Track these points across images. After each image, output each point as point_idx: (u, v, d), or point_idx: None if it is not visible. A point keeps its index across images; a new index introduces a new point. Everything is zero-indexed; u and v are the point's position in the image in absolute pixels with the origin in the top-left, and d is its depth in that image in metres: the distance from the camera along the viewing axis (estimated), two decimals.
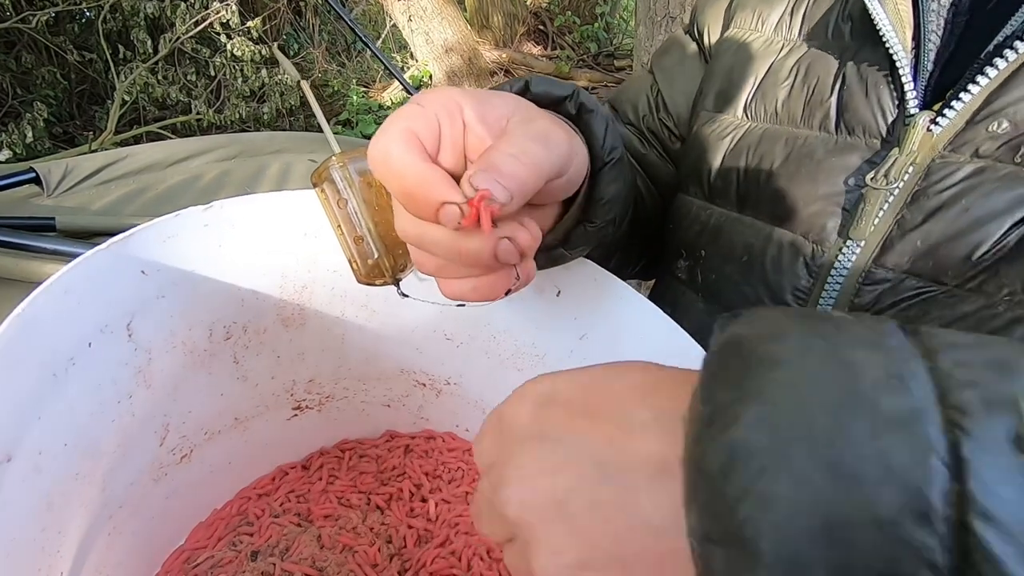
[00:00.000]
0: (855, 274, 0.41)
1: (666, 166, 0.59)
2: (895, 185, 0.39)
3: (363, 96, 3.75)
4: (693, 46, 0.59)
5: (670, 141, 0.59)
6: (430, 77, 3.63)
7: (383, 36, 4.11)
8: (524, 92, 0.34)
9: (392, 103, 3.71)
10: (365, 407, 0.61)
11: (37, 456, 0.29)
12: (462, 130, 0.27)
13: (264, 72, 3.06)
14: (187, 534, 0.52)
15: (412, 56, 3.78)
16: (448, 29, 3.48)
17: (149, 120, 3.00)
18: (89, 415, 0.34)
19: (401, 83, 1.33)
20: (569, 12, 4.44)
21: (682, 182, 0.56)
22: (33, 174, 0.89)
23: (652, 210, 0.59)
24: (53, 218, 0.81)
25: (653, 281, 0.68)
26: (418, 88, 3.26)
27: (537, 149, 0.27)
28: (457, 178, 0.26)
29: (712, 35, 0.56)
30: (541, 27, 4.51)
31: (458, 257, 0.27)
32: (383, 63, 1.31)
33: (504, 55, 4.14)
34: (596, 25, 4.42)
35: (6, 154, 2.44)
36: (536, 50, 4.41)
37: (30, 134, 2.46)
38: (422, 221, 0.27)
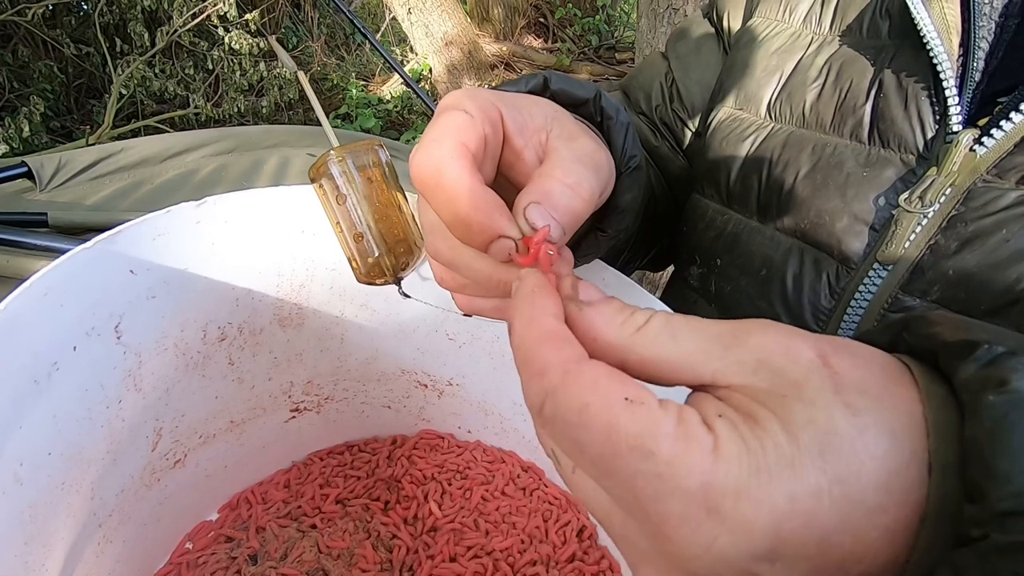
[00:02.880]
0: (880, 299, 0.38)
1: (678, 159, 0.57)
2: (930, 208, 0.36)
3: (362, 90, 3.72)
4: (711, 32, 0.55)
5: (683, 134, 0.56)
6: (430, 71, 3.60)
7: (382, 29, 4.07)
8: (543, 90, 0.31)
9: (392, 97, 3.68)
10: (365, 408, 0.60)
11: (18, 467, 0.28)
12: (502, 141, 0.25)
13: (262, 66, 3.03)
14: (181, 540, 0.50)
15: (411, 49, 3.75)
16: (448, 22, 3.44)
17: (147, 114, 2.97)
18: (75, 422, 0.32)
19: (402, 76, 1.31)
20: (570, 4, 4.40)
21: (697, 182, 0.53)
22: (24, 168, 0.87)
23: (663, 204, 0.57)
24: (45, 214, 0.79)
25: (658, 274, 0.66)
26: (418, 81, 3.23)
27: (590, 177, 0.24)
28: None
29: (733, 22, 0.52)
30: (542, 20, 4.47)
31: (494, 287, 0.25)
32: (383, 56, 1.29)
33: (504, 48, 4.10)
34: (597, 18, 4.38)
35: (2, 149, 2.41)
36: (537, 43, 4.37)
37: (27, 128, 2.44)
38: (459, 244, 0.24)
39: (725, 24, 0.54)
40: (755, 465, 0.15)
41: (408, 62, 3.77)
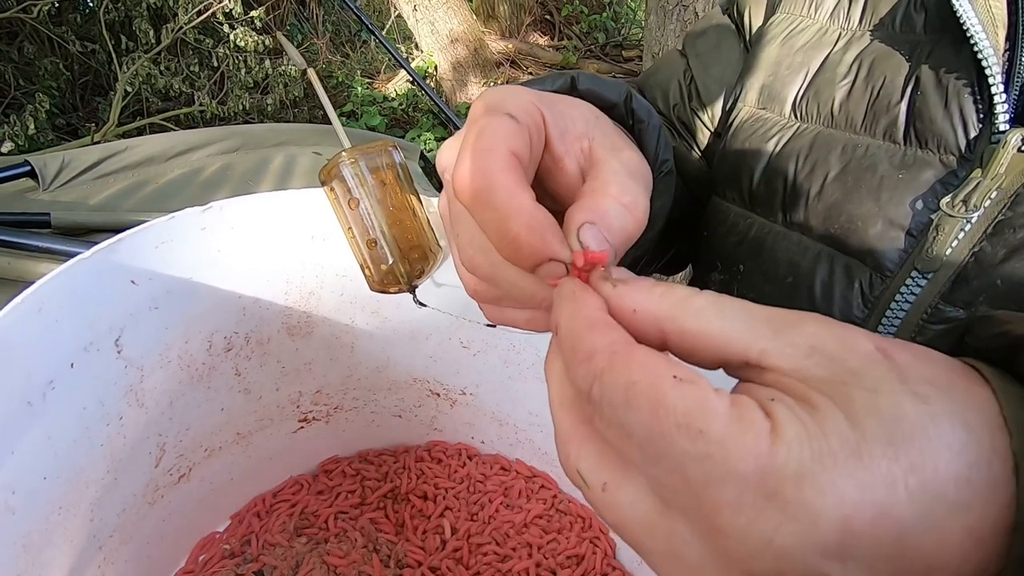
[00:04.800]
0: (919, 310, 0.36)
1: (697, 160, 0.55)
2: (975, 213, 0.34)
3: (367, 87, 3.71)
4: (731, 28, 0.53)
5: (702, 134, 0.54)
6: (435, 68, 3.57)
7: (387, 26, 4.05)
8: (571, 90, 0.29)
9: (397, 94, 3.66)
10: (375, 418, 0.58)
11: (10, 496, 0.26)
12: (544, 147, 0.24)
13: (267, 63, 3.01)
14: (187, 556, 0.48)
15: (417, 47, 3.73)
16: (454, 19, 3.42)
17: (152, 112, 2.96)
18: (72, 442, 0.30)
19: (409, 73, 1.29)
20: (576, 1, 4.37)
21: (718, 184, 0.51)
22: (27, 167, 0.86)
23: (683, 207, 0.54)
24: (48, 214, 0.77)
25: (669, 278, 0.64)
26: (424, 78, 3.21)
27: (644, 196, 0.23)
28: None
29: (754, 19, 0.50)
30: (548, 17, 4.44)
31: (535, 303, 0.23)
32: (389, 52, 1.27)
33: (510, 46, 4.07)
34: (604, 15, 4.34)
35: (8, 146, 2.41)
36: (543, 40, 4.34)
37: (32, 126, 2.43)
38: (501, 260, 0.22)
39: (746, 20, 0.51)
40: (818, 450, 0.14)
41: (413, 59, 3.75)
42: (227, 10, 2.70)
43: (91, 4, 2.95)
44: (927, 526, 0.14)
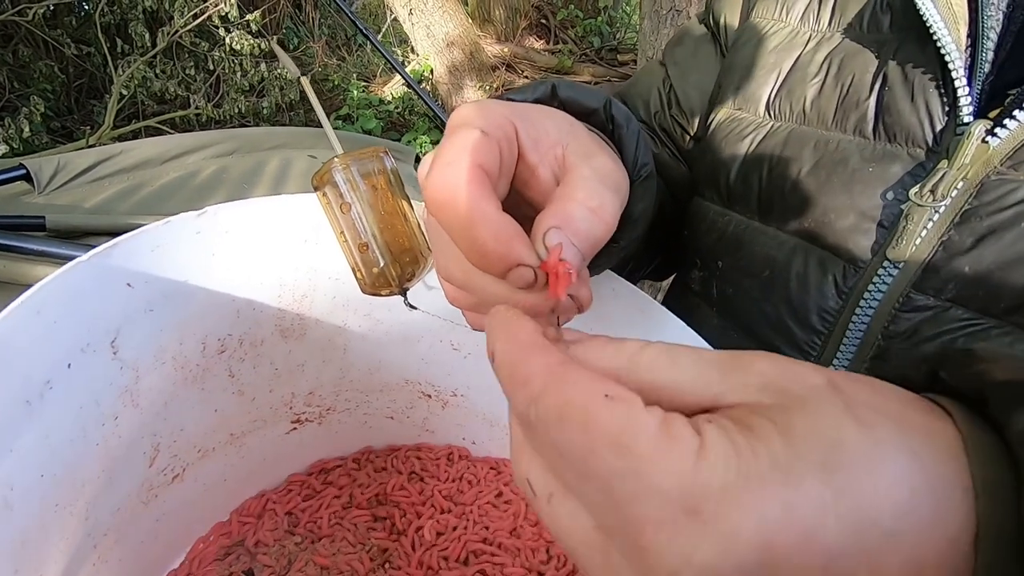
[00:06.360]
0: (891, 299, 0.37)
1: (679, 166, 0.56)
2: (942, 203, 0.35)
3: (363, 91, 3.72)
4: (708, 36, 0.54)
5: (683, 140, 0.55)
6: (431, 72, 3.59)
7: (383, 30, 4.06)
8: (551, 98, 0.30)
9: (393, 97, 3.67)
10: (367, 419, 0.58)
11: (8, 492, 0.26)
12: (517, 158, 0.24)
13: (263, 66, 3.02)
14: (180, 556, 0.49)
15: (413, 50, 3.74)
16: (449, 23, 3.43)
17: (148, 115, 2.96)
18: (69, 442, 0.31)
19: (403, 77, 1.30)
20: (572, 6, 4.39)
21: (697, 185, 0.52)
22: (23, 171, 0.86)
23: (668, 213, 0.56)
24: (43, 217, 0.77)
25: (666, 283, 0.65)
26: (420, 82, 3.22)
27: (612, 199, 0.23)
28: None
29: (730, 25, 0.51)
30: (543, 21, 4.46)
31: None
32: (384, 57, 1.28)
33: (506, 50, 4.09)
34: (599, 19, 4.37)
35: (3, 149, 2.40)
36: (538, 44, 4.36)
37: (27, 129, 2.43)
38: (474, 268, 0.23)
39: (722, 27, 0.53)
40: (745, 469, 0.14)
41: (409, 63, 3.76)
42: (223, 13, 2.71)
43: (87, 7, 2.95)
44: (859, 554, 0.13)
